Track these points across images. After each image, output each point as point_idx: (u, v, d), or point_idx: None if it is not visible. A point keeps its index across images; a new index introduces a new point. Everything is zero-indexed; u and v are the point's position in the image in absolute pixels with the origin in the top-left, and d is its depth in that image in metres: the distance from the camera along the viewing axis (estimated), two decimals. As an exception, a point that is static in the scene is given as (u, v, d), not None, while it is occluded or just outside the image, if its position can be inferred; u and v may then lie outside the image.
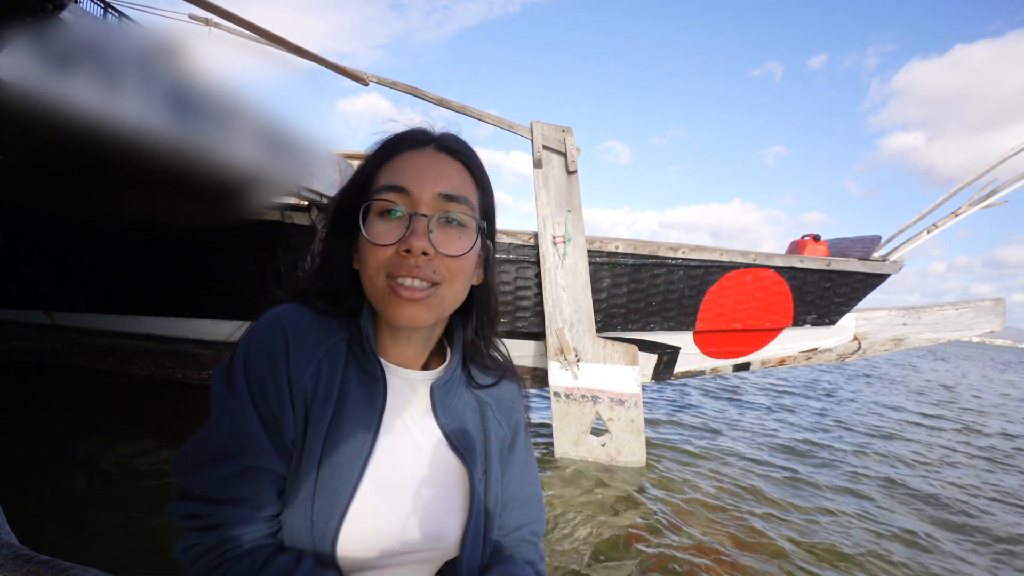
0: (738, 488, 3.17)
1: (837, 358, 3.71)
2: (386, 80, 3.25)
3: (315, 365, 0.51)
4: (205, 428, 0.49)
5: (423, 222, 0.49)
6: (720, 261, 3.30)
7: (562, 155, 3.21)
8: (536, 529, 0.62)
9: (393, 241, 0.49)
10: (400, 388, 0.56)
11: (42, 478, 2.41)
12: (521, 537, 0.60)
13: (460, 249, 0.51)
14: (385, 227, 0.50)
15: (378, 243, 0.49)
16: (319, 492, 0.48)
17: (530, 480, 0.62)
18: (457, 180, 0.53)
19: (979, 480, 3.90)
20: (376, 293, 0.51)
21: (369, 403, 0.52)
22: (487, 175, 0.58)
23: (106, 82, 1.59)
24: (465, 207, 0.52)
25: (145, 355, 4.07)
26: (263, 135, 2.28)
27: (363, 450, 0.50)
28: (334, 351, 0.52)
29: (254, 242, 3.34)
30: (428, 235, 0.49)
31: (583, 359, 3.28)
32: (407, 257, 0.48)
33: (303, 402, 0.50)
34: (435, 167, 0.52)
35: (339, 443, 0.50)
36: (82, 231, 3.45)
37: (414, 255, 0.48)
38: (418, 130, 0.56)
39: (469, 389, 0.60)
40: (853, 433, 5.10)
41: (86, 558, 0.57)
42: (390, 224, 0.50)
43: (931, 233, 3.32)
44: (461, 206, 0.52)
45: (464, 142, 0.56)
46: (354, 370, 0.53)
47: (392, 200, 0.50)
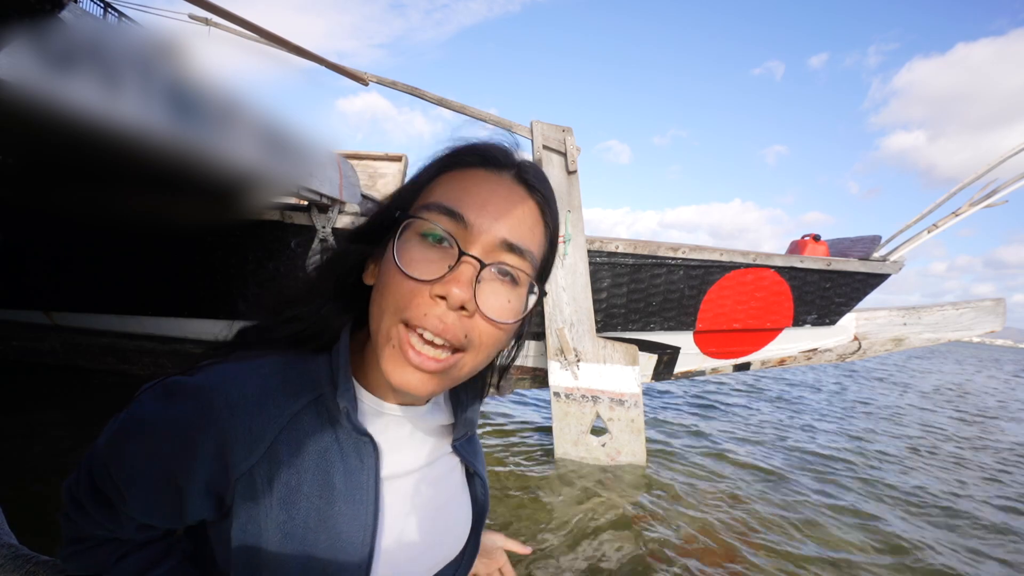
0: (743, 490, 3.18)
1: (837, 358, 3.71)
2: (386, 80, 3.25)
3: (265, 447, 0.39)
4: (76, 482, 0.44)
5: (473, 268, 0.39)
6: (720, 261, 3.30)
7: (562, 155, 3.21)
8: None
9: (428, 278, 0.38)
10: (397, 433, 0.46)
11: (43, 478, 2.41)
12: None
13: (508, 315, 0.41)
14: (423, 256, 0.39)
15: (409, 273, 0.38)
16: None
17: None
18: (528, 226, 0.42)
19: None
20: (380, 335, 0.40)
21: (360, 469, 0.42)
22: (558, 222, 0.47)
23: (106, 82, 1.59)
24: (527, 263, 0.41)
25: (145, 355, 4.06)
26: (263, 135, 2.27)
27: (365, 534, 0.42)
28: (297, 421, 0.41)
29: (254, 242, 3.34)
30: (474, 285, 0.38)
31: (583, 359, 3.28)
32: (437, 305, 0.38)
33: (247, 492, 0.39)
34: (508, 202, 0.41)
35: (324, 534, 0.40)
36: (82, 231, 3.45)
37: (450, 306, 0.38)
38: (499, 147, 0.45)
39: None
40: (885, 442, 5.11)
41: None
42: (430, 254, 0.39)
43: (931, 233, 3.32)
44: (524, 261, 0.41)
45: (545, 177, 0.46)
46: (330, 435, 0.42)
47: (443, 226, 0.39)
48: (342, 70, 3.06)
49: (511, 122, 3.28)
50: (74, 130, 1.64)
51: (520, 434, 3.86)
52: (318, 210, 3.19)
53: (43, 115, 1.52)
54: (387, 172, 4.71)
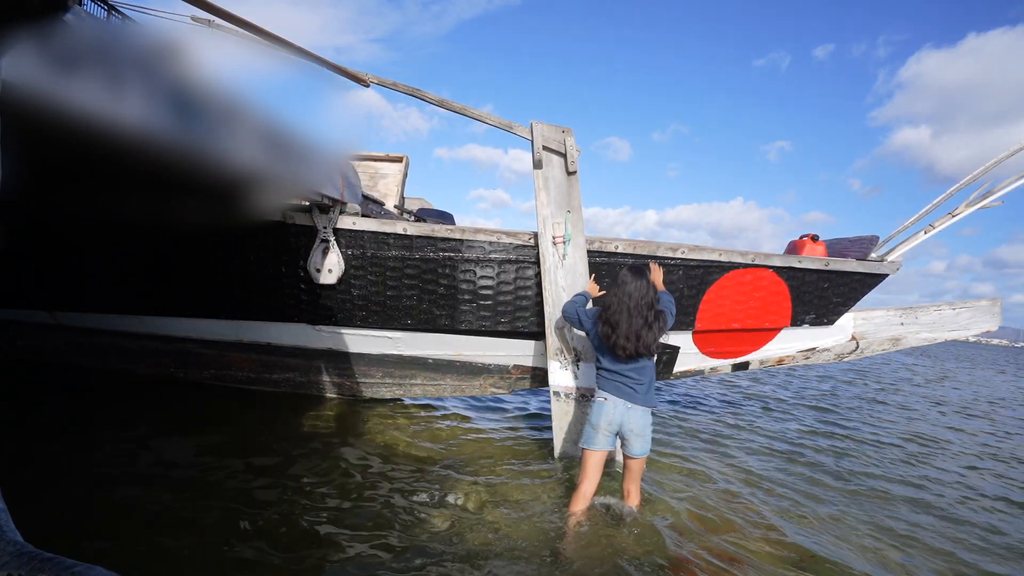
0: (751, 489, 3.19)
1: (835, 358, 3.73)
2: (387, 81, 3.27)
3: None
4: None
5: None
6: (719, 261, 3.32)
7: (562, 156, 3.23)
8: None
9: None
10: None
11: (47, 478, 2.43)
12: None
13: None
14: None
15: None
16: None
17: None
18: None
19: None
20: None
21: None
22: None
23: (109, 84, 1.60)
24: None
25: (148, 355, 4.09)
26: (264, 136, 2.29)
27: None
28: None
29: (255, 243, 3.36)
30: None
31: (583, 359, 3.30)
32: None
33: None
34: None
35: None
36: (85, 232, 3.47)
37: None
38: None
39: None
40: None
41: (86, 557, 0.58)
42: None
43: (928, 234, 3.33)
44: None
45: None
46: None
47: None
48: (343, 71, 3.08)
49: (511, 123, 3.30)
50: (78, 131, 1.66)
51: (520, 434, 3.88)
52: (319, 211, 3.20)
53: (47, 117, 1.54)
54: (388, 172, 4.73)
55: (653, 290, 2.50)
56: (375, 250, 3.33)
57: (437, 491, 2.65)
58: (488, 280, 3.40)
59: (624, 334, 2.42)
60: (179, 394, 3.94)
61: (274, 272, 3.43)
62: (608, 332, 2.47)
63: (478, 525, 2.32)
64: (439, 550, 2.08)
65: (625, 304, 2.44)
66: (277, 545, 2.01)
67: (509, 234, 3.32)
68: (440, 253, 3.33)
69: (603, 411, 2.52)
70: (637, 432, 2.50)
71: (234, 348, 3.93)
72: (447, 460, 3.11)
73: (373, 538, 2.13)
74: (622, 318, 2.43)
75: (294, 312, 3.58)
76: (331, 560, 1.95)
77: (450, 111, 3.27)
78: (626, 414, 2.49)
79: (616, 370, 2.52)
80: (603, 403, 2.53)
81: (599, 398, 2.57)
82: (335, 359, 3.90)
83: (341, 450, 3.10)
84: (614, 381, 2.53)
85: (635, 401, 2.50)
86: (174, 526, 2.09)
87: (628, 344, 2.42)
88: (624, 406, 2.50)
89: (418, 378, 3.94)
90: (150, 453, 2.82)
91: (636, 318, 2.42)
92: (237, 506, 2.29)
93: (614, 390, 2.53)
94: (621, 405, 2.51)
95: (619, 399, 2.51)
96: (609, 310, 2.49)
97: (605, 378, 2.57)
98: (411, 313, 3.50)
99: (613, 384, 2.53)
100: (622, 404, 2.51)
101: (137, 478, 2.51)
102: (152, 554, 1.90)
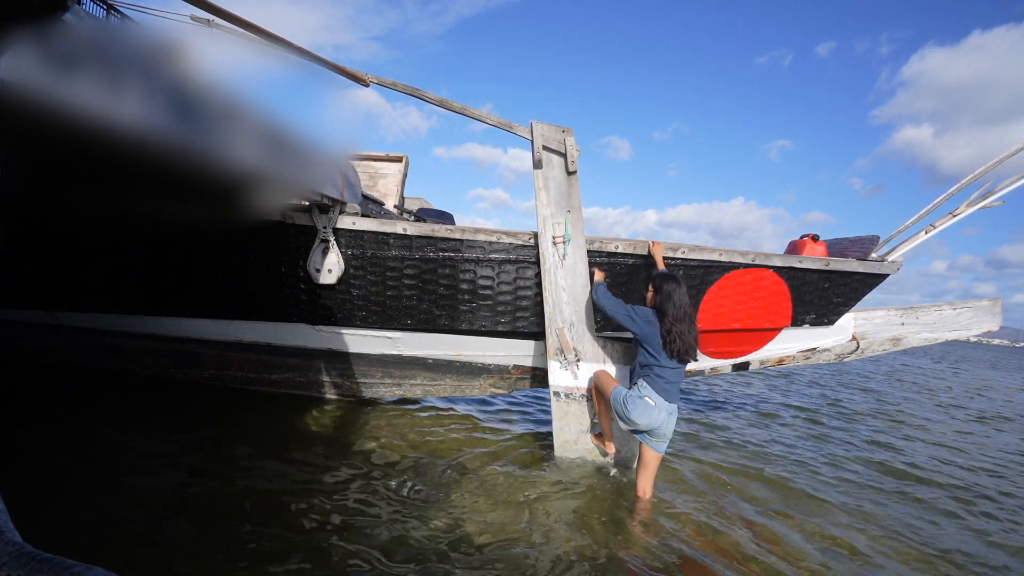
0: (751, 488, 3.19)
1: (836, 358, 3.73)
2: (387, 81, 3.26)
3: None
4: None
5: None
6: (719, 261, 3.31)
7: (562, 156, 3.22)
8: None
9: None
10: None
11: (48, 477, 2.42)
12: None
13: None
14: None
15: None
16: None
17: None
18: None
19: None
20: None
21: None
22: None
23: (109, 83, 1.60)
24: None
25: (147, 355, 4.09)
26: (264, 136, 2.29)
27: None
28: None
29: (255, 243, 3.35)
30: None
31: (583, 359, 3.29)
32: None
33: None
34: None
35: None
36: (84, 232, 3.47)
37: None
38: None
39: None
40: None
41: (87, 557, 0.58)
42: None
43: (929, 234, 3.33)
44: None
45: None
46: None
47: None
48: (343, 71, 3.08)
49: (511, 123, 3.30)
50: (77, 131, 1.66)
51: (519, 433, 3.87)
52: (319, 211, 3.20)
53: (47, 116, 1.54)
54: (388, 172, 4.72)
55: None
56: (375, 250, 3.32)
57: (435, 491, 2.65)
58: (488, 280, 3.40)
59: (686, 342, 2.65)
60: (179, 394, 3.94)
61: (274, 272, 3.43)
62: (670, 339, 2.66)
63: (477, 525, 2.32)
64: (437, 552, 2.08)
65: (685, 312, 2.69)
66: (276, 545, 2.01)
67: (509, 234, 3.32)
68: (440, 253, 3.33)
69: (649, 412, 2.66)
70: (669, 434, 2.73)
71: (234, 348, 3.93)
72: (446, 459, 3.11)
73: (367, 537, 2.13)
74: (684, 327, 2.66)
75: (294, 312, 3.57)
76: (329, 561, 1.95)
77: (450, 111, 3.27)
78: (667, 420, 2.68)
79: (666, 375, 2.69)
80: (651, 407, 2.65)
81: (648, 399, 2.67)
82: (335, 359, 3.90)
83: (340, 451, 3.10)
84: (662, 381, 2.68)
85: (673, 401, 2.71)
86: (171, 526, 2.09)
87: (689, 352, 2.66)
88: (667, 411, 2.67)
89: (418, 378, 3.94)
90: (150, 453, 2.81)
91: (693, 327, 2.70)
92: (236, 506, 2.29)
93: (663, 393, 2.67)
94: (665, 410, 2.67)
95: (666, 403, 2.67)
96: (668, 317, 2.68)
97: (654, 377, 2.70)
98: (411, 313, 3.50)
99: (661, 386, 2.68)
100: (665, 408, 2.67)
101: (137, 478, 2.51)
102: (150, 554, 1.89)
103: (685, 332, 2.64)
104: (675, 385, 2.71)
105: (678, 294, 2.69)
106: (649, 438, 2.72)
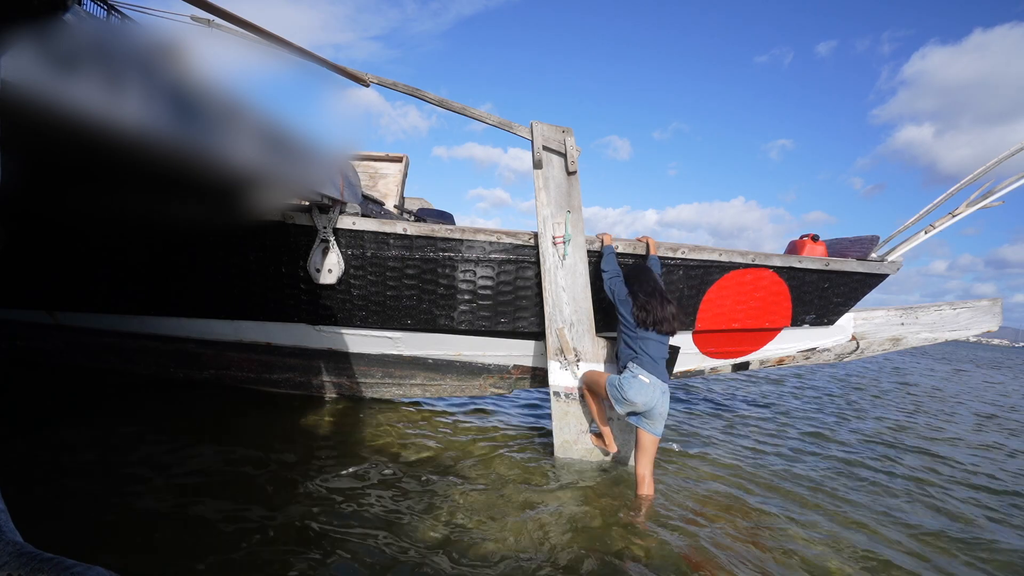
0: (755, 489, 3.18)
1: (835, 358, 3.73)
2: (387, 81, 3.27)
3: None
4: None
5: None
6: (719, 261, 3.32)
7: (562, 156, 3.23)
8: None
9: None
10: None
11: (49, 476, 2.43)
12: None
13: None
14: None
15: None
16: None
17: None
18: None
19: None
20: None
21: None
22: None
23: (109, 84, 1.60)
24: None
25: (147, 355, 4.09)
26: (264, 136, 2.29)
27: None
28: None
29: (255, 243, 3.36)
30: None
31: (583, 359, 3.29)
32: None
33: None
34: None
35: None
36: (84, 232, 3.47)
37: None
38: None
39: None
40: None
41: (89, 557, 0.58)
42: None
43: (928, 234, 3.33)
44: None
45: None
46: None
47: None
48: (343, 71, 3.08)
49: (511, 123, 3.30)
50: (77, 131, 1.66)
51: (519, 433, 3.87)
52: (319, 211, 3.20)
53: (47, 116, 1.54)
54: (388, 172, 4.73)
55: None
56: (375, 250, 3.32)
57: (435, 491, 2.65)
58: (488, 280, 3.40)
59: (660, 313, 2.80)
60: (179, 394, 3.94)
61: (274, 272, 3.43)
62: (644, 313, 2.81)
63: (476, 525, 2.32)
64: (436, 552, 2.08)
65: (654, 287, 2.89)
66: (274, 545, 2.01)
67: (509, 234, 3.32)
68: (440, 253, 3.33)
69: (644, 390, 2.73)
70: (665, 414, 2.79)
71: (234, 348, 3.93)
72: (446, 460, 3.11)
73: (368, 539, 2.13)
74: (656, 302, 2.82)
75: (294, 312, 3.58)
76: (327, 562, 1.95)
77: (450, 111, 3.27)
78: (661, 399, 2.75)
79: (650, 350, 2.79)
80: (646, 384, 2.72)
81: (641, 377, 2.74)
82: (335, 359, 3.90)
83: (340, 451, 3.10)
84: (648, 358, 2.78)
85: (664, 380, 2.79)
86: (169, 526, 2.09)
87: (665, 323, 2.80)
88: (660, 389, 2.74)
89: (418, 378, 3.94)
90: (148, 453, 2.81)
91: (667, 303, 2.85)
92: (236, 507, 2.29)
93: (653, 370, 2.76)
94: (659, 388, 2.74)
95: (659, 380, 2.75)
96: (641, 294, 2.86)
97: (640, 356, 2.80)
98: (411, 313, 3.50)
99: (649, 363, 2.77)
100: (659, 387, 2.75)
101: (136, 478, 2.51)
102: (151, 554, 1.89)
103: (657, 306, 2.79)
104: (661, 362, 2.81)
105: (646, 275, 2.98)
106: (645, 420, 2.77)
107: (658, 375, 2.76)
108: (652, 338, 2.80)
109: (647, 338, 2.80)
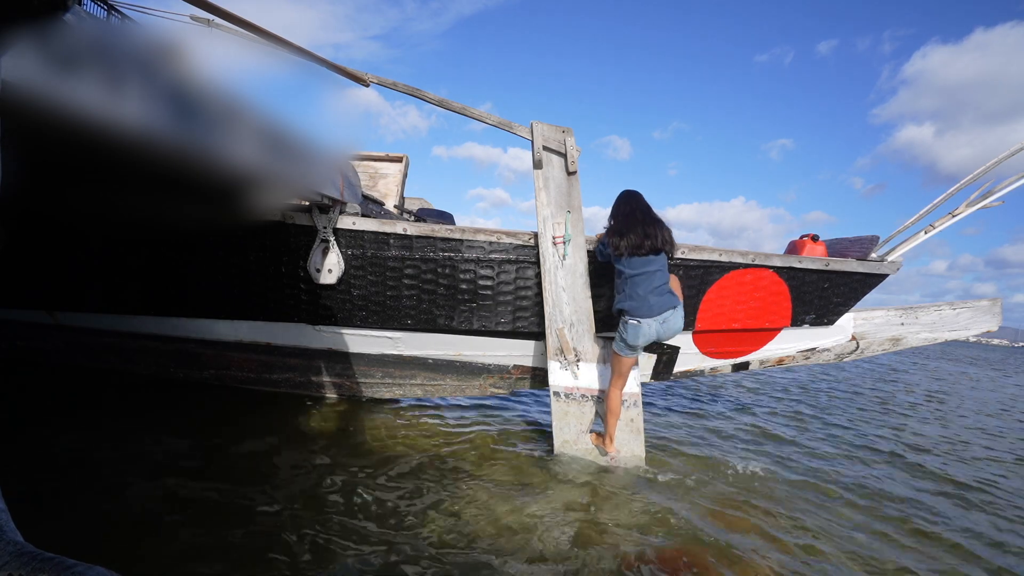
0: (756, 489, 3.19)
1: (835, 358, 3.73)
2: (387, 81, 3.27)
3: None
4: None
5: None
6: (719, 261, 3.32)
7: (562, 156, 3.23)
8: None
9: None
10: None
11: (49, 476, 2.43)
12: None
13: None
14: None
15: None
16: None
17: None
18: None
19: None
20: None
21: None
22: None
23: (109, 83, 1.60)
24: None
25: (147, 355, 4.09)
26: (265, 136, 2.29)
27: None
28: None
29: (255, 243, 3.36)
30: None
31: (583, 359, 3.30)
32: None
33: None
34: None
35: None
36: (84, 232, 3.47)
37: None
38: None
39: None
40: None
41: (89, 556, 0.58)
42: None
43: (928, 234, 3.33)
44: None
45: None
46: None
47: None
48: (343, 71, 3.08)
49: (511, 123, 3.30)
50: (77, 132, 1.66)
51: (519, 433, 3.88)
52: (319, 211, 3.20)
53: (47, 117, 1.54)
54: (388, 172, 4.73)
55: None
56: (375, 250, 3.33)
57: (434, 492, 2.65)
58: (488, 280, 3.40)
59: (637, 238, 2.82)
60: (179, 394, 3.95)
61: (274, 272, 3.43)
62: (621, 246, 2.84)
63: (475, 525, 2.32)
64: (435, 552, 2.08)
65: (630, 218, 2.90)
66: (274, 545, 2.01)
67: (509, 234, 3.32)
68: (440, 253, 3.33)
69: (640, 331, 2.82)
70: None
71: (234, 348, 3.93)
72: (445, 459, 3.11)
73: (368, 538, 2.13)
74: (634, 231, 2.84)
75: (294, 312, 3.58)
76: (327, 562, 1.95)
77: (450, 111, 3.27)
78: (662, 328, 2.83)
79: (638, 289, 2.83)
80: (639, 326, 2.81)
81: (631, 322, 2.84)
82: (335, 359, 3.90)
83: (340, 451, 3.10)
84: (635, 303, 2.83)
85: (657, 311, 2.82)
86: (169, 527, 2.09)
87: (642, 246, 2.81)
88: (657, 321, 2.81)
89: (418, 378, 3.94)
90: (149, 453, 2.82)
91: (649, 228, 2.85)
92: (236, 507, 2.29)
93: (641, 311, 2.82)
94: (655, 321, 2.81)
95: (650, 319, 2.81)
96: (616, 229, 2.89)
97: (628, 304, 2.86)
98: (411, 313, 3.50)
99: (637, 306, 2.83)
100: (654, 321, 2.81)
101: (137, 478, 2.51)
102: (151, 554, 1.90)
103: (631, 229, 2.83)
104: (647, 296, 2.81)
105: (626, 202, 2.99)
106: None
107: (648, 312, 2.80)
108: (636, 272, 2.82)
109: (630, 276, 2.83)
